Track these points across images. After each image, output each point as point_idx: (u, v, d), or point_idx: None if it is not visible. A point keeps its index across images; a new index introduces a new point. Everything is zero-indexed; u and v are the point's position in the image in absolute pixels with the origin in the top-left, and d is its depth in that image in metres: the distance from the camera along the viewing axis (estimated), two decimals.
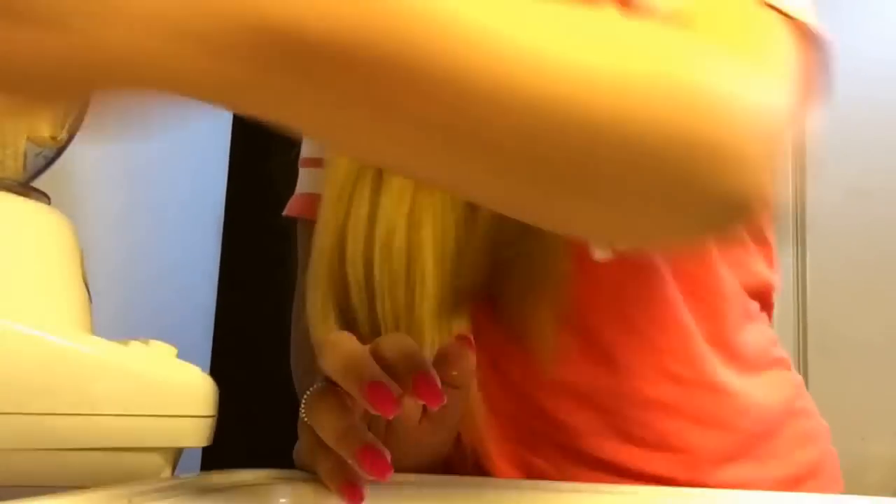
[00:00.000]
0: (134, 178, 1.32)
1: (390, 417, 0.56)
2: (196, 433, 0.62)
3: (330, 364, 0.58)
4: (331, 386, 0.59)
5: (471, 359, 0.61)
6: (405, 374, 0.56)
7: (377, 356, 0.58)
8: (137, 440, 0.60)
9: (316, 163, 1.00)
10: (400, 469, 0.57)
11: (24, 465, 0.57)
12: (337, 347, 0.59)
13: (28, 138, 0.71)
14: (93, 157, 1.14)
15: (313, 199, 0.97)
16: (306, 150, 1.03)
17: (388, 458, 0.55)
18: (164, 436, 0.61)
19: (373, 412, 0.55)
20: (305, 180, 1.02)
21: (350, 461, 0.56)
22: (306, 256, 1.01)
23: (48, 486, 0.54)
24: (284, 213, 1.03)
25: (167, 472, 0.62)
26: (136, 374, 0.60)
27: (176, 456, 0.63)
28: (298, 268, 1.06)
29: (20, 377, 0.56)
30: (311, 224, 0.98)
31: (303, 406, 0.61)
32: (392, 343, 0.59)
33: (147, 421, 0.60)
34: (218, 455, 0.96)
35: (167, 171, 1.45)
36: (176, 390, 0.61)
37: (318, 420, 0.59)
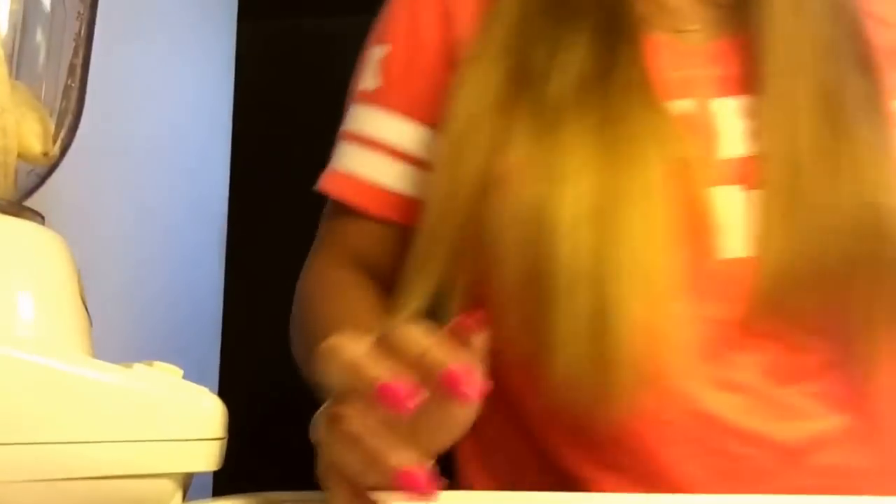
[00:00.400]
0: (132, 194, 1.30)
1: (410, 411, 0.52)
2: (206, 456, 0.60)
3: (333, 376, 0.56)
4: (339, 411, 0.56)
5: (481, 338, 0.58)
6: (426, 367, 0.53)
7: (386, 351, 0.55)
8: (146, 467, 0.58)
9: (361, 140, 0.99)
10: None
11: (28, 497, 0.55)
12: (336, 356, 0.56)
13: (18, 155, 0.69)
14: (88, 174, 1.12)
15: (356, 184, 0.98)
16: (351, 123, 1.01)
17: (429, 475, 0.52)
18: (173, 461, 0.59)
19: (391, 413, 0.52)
20: (348, 157, 1.00)
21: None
22: (328, 236, 1.05)
23: None
24: (320, 187, 1.02)
25: (178, 499, 0.60)
26: (141, 398, 0.58)
27: (186, 481, 0.61)
28: (315, 242, 1.07)
29: (19, 405, 0.54)
30: (344, 208, 1.00)
31: (313, 431, 0.58)
32: (405, 336, 0.56)
33: (155, 446, 0.58)
34: (230, 478, 0.93)
35: (166, 185, 1.43)
36: (183, 413, 0.59)
37: (336, 457, 0.56)
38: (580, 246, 0.76)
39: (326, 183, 1.01)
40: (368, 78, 1.00)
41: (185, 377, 0.62)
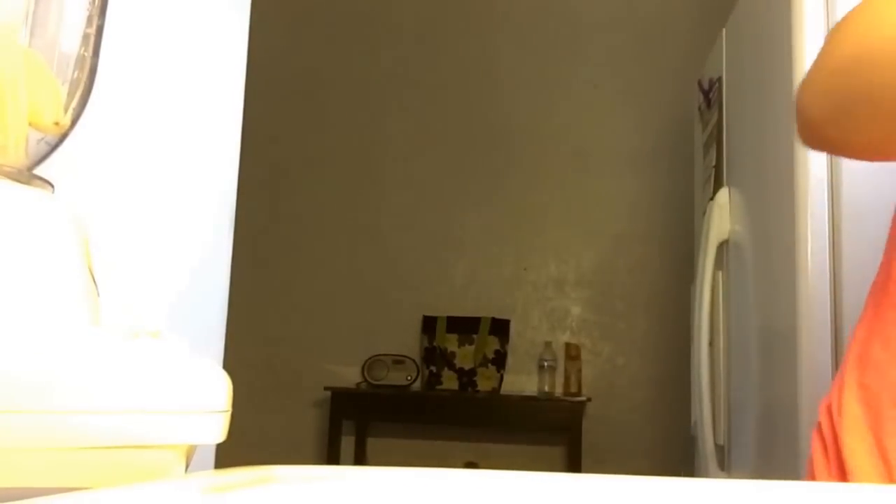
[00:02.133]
0: (142, 164, 1.30)
1: None
2: (210, 429, 0.60)
3: None
4: None
5: None
6: None
7: None
8: (149, 437, 0.58)
9: None
10: None
11: (30, 464, 0.55)
12: None
13: (30, 123, 0.69)
14: (98, 143, 1.12)
15: None
16: None
17: None
18: (176, 432, 0.58)
19: None
20: None
21: None
22: None
23: (55, 488, 0.52)
24: None
25: (181, 470, 0.60)
26: (146, 369, 0.58)
27: (189, 453, 0.61)
28: None
29: (25, 374, 0.54)
30: None
31: None
32: None
33: (158, 417, 0.58)
34: (232, 451, 0.94)
35: (177, 155, 1.43)
36: (188, 385, 0.59)
37: None
38: None
39: None
40: None
41: (190, 349, 0.62)
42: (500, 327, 4.51)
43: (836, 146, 0.88)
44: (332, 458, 4.35)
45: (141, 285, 1.30)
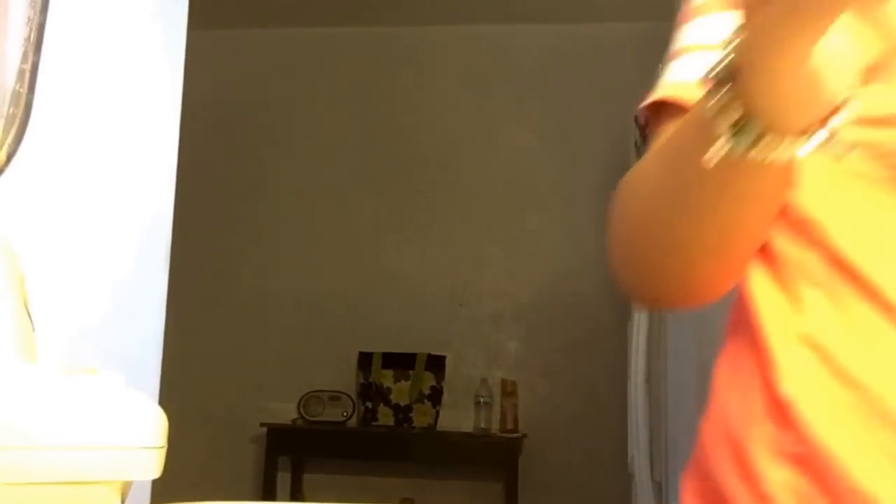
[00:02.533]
0: (77, 200, 1.29)
1: None
2: (146, 465, 0.60)
3: None
4: None
5: None
6: None
7: None
8: (85, 473, 0.57)
9: (691, 49, 0.89)
10: None
11: None
12: None
13: None
14: (34, 179, 1.11)
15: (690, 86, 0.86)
16: (678, 42, 0.91)
17: None
18: (112, 468, 0.58)
19: None
20: (677, 70, 0.90)
21: None
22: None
23: None
24: (645, 105, 0.92)
25: None
26: (81, 405, 0.58)
27: (125, 489, 0.61)
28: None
29: None
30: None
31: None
32: None
33: (94, 453, 0.57)
34: (168, 487, 0.93)
35: (113, 193, 1.42)
36: (124, 421, 0.59)
37: None
38: None
39: (654, 96, 0.90)
40: None
41: (126, 385, 0.61)
42: (436, 363, 4.51)
43: (660, 304, 0.88)
44: (268, 493, 4.31)
45: (77, 320, 1.29)
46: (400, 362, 4.52)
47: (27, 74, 0.78)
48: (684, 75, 0.88)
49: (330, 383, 4.56)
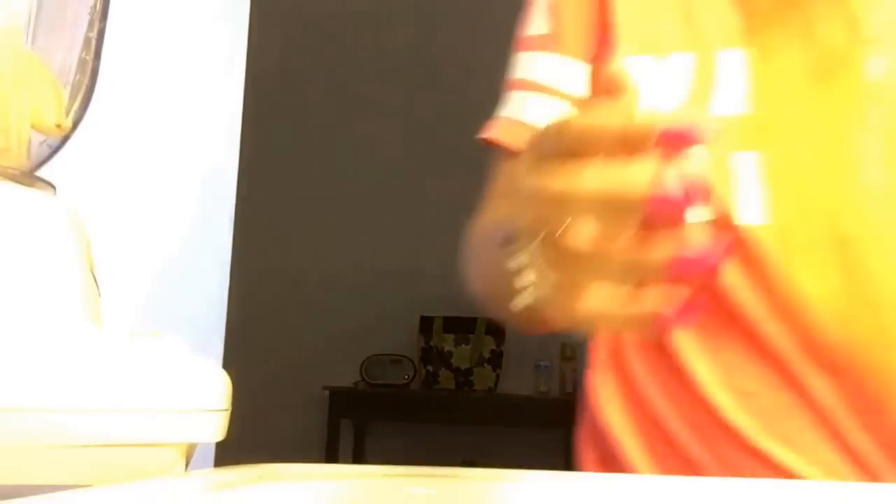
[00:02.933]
0: (142, 165, 1.30)
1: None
2: (210, 428, 0.61)
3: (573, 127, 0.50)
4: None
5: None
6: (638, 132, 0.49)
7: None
8: (149, 436, 0.58)
9: (533, 88, 0.94)
10: None
11: (32, 462, 0.56)
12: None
13: (32, 126, 0.70)
14: (99, 145, 1.13)
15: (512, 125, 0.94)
16: (521, 71, 0.96)
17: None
18: (176, 431, 0.59)
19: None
20: (518, 105, 0.95)
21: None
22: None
23: (57, 485, 0.53)
24: (487, 136, 0.97)
25: (180, 469, 0.61)
26: (147, 368, 0.59)
27: (189, 451, 0.62)
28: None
29: (28, 372, 0.55)
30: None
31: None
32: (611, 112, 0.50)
33: (159, 416, 0.58)
34: (232, 450, 0.94)
35: (177, 157, 1.44)
36: (188, 384, 0.60)
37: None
38: None
39: (495, 131, 0.96)
40: (536, 22, 0.96)
41: (190, 349, 0.62)
42: (496, 327, 4.50)
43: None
44: (330, 456, 4.34)
45: (143, 285, 1.30)
46: (461, 326, 4.52)
47: (93, 42, 0.78)
48: (518, 114, 0.94)
49: (392, 347, 4.58)
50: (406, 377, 4.50)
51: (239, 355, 1.72)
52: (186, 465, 0.62)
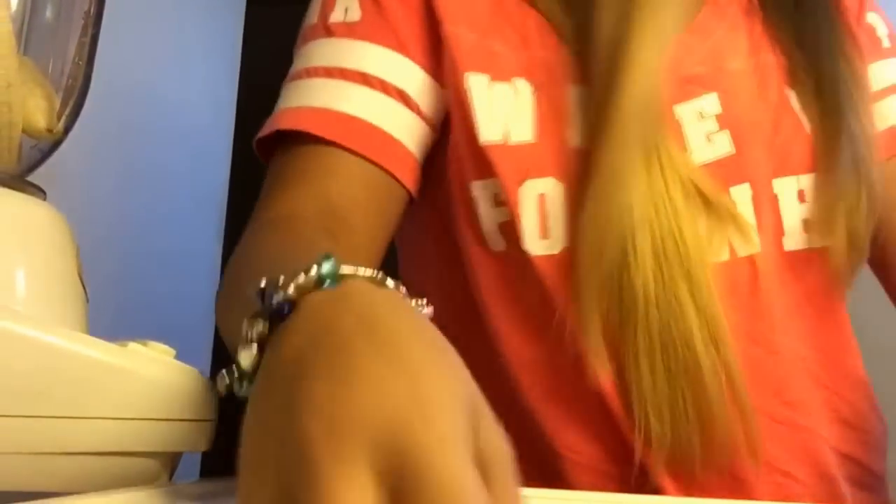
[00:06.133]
0: (132, 172, 1.30)
1: None
2: (195, 437, 0.60)
3: None
4: None
5: None
6: None
7: None
8: (134, 445, 0.58)
9: (342, 74, 0.81)
10: None
11: (16, 469, 0.55)
12: None
13: (23, 130, 0.69)
14: (90, 151, 1.13)
15: (341, 119, 0.79)
16: (322, 59, 0.83)
17: None
18: (161, 440, 0.59)
19: None
20: (323, 91, 0.81)
21: None
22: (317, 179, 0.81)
23: (40, 492, 0.52)
24: (278, 126, 0.83)
25: (164, 478, 0.60)
26: (133, 376, 0.58)
27: (174, 461, 0.61)
28: (267, 198, 0.84)
29: (12, 378, 0.55)
30: (327, 145, 0.79)
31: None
32: None
33: (144, 425, 0.58)
34: (218, 460, 0.94)
35: (167, 164, 1.44)
36: (174, 393, 0.59)
37: None
38: None
39: (304, 122, 0.81)
40: (341, 10, 0.85)
41: (178, 357, 0.62)
42: None
43: None
44: None
45: (129, 291, 1.30)
46: None
47: (86, 47, 0.78)
48: (336, 104, 0.80)
49: None
50: None
51: (226, 364, 1.72)
52: (171, 474, 0.61)
